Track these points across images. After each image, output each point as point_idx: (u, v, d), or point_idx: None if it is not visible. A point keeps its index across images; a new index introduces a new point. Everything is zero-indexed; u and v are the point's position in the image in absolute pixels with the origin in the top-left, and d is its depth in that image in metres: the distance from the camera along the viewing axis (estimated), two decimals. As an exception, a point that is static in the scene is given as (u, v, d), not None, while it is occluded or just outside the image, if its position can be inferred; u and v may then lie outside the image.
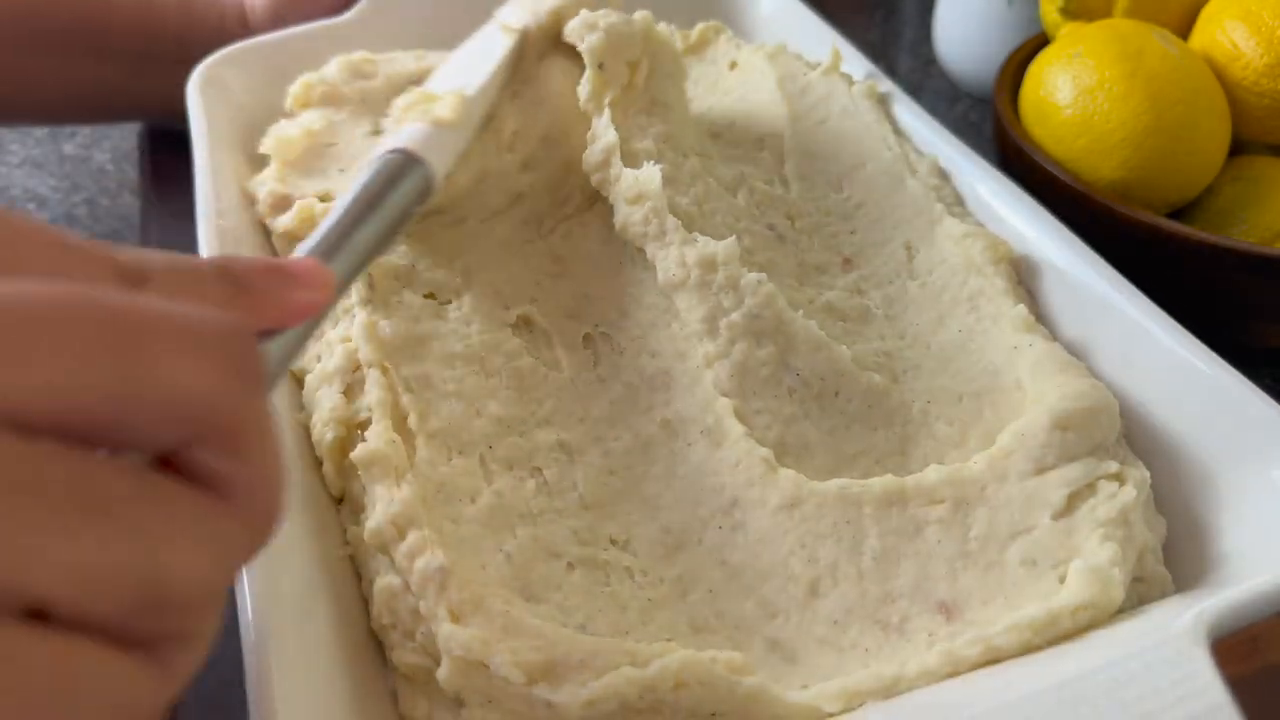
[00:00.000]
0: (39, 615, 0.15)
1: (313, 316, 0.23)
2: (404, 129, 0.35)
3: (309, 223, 0.42)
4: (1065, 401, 0.33)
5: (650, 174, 0.39)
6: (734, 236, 0.38)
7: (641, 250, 0.39)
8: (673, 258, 0.37)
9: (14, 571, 0.15)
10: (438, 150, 0.34)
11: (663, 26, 0.53)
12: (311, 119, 0.47)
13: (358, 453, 0.32)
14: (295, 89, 0.48)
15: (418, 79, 0.48)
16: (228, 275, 0.21)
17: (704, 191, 0.41)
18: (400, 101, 0.39)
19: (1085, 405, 0.33)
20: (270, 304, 0.22)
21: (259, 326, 0.22)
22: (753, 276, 0.36)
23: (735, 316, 0.36)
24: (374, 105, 0.48)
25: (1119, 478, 0.32)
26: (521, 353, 0.38)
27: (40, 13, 0.54)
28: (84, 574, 0.15)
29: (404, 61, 0.50)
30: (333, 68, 0.49)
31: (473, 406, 0.35)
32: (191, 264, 0.20)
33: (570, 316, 0.40)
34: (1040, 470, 0.32)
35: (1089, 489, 0.31)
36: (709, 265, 0.36)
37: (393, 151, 0.32)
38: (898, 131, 0.47)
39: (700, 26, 0.56)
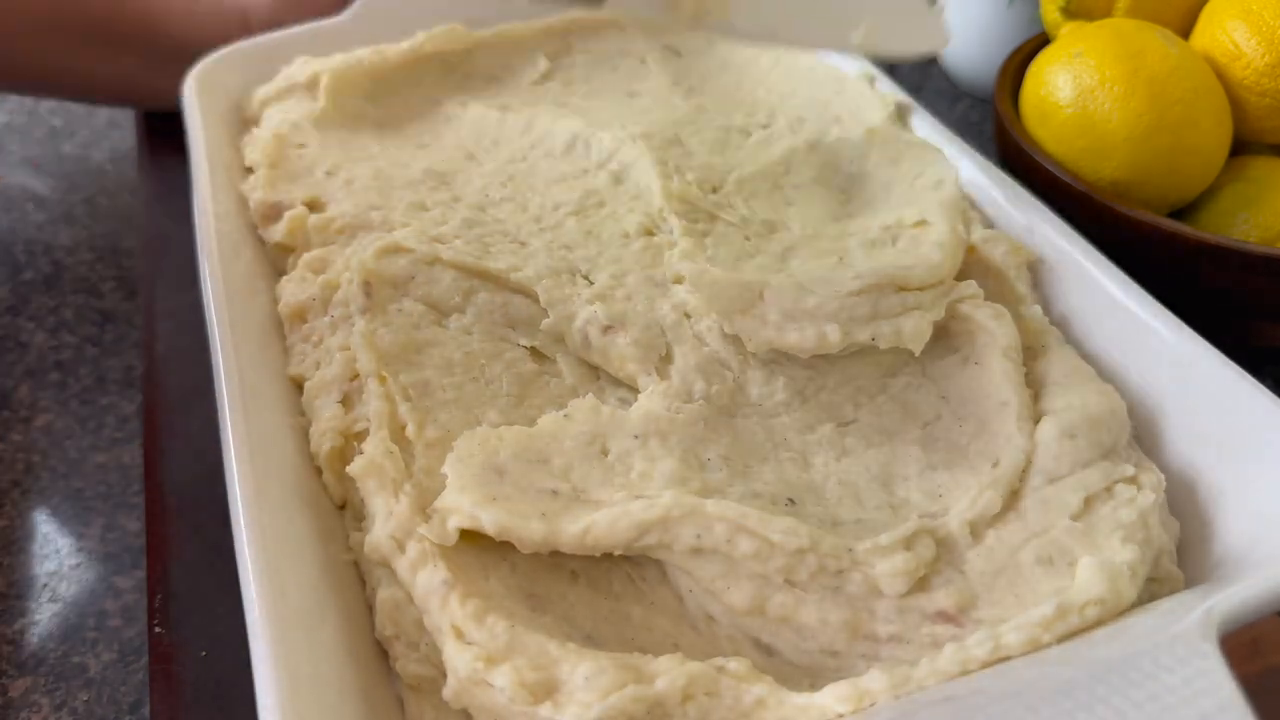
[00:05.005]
0: None
1: None
2: None
3: (301, 234, 0.42)
4: (1071, 411, 0.33)
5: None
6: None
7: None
8: None
9: None
10: None
11: None
12: (270, 117, 0.48)
13: (354, 466, 0.32)
14: (252, 106, 0.50)
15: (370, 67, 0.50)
16: None
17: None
18: None
19: (1091, 412, 0.33)
20: None
21: None
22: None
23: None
24: (313, 89, 0.50)
25: (1135, 481, 0.32)
26: (523, 359, 0.37)
27: (57, 7, 0.58)
28: None
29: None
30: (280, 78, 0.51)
31: (472, 414, 0.35)
32: None
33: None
34: (1053, 480, 0.32)
35: (1106, 492, 0.32)
36: None
37: None
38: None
39: None
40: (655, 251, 0.41)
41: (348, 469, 0.33)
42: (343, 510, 0.34)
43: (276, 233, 0.42)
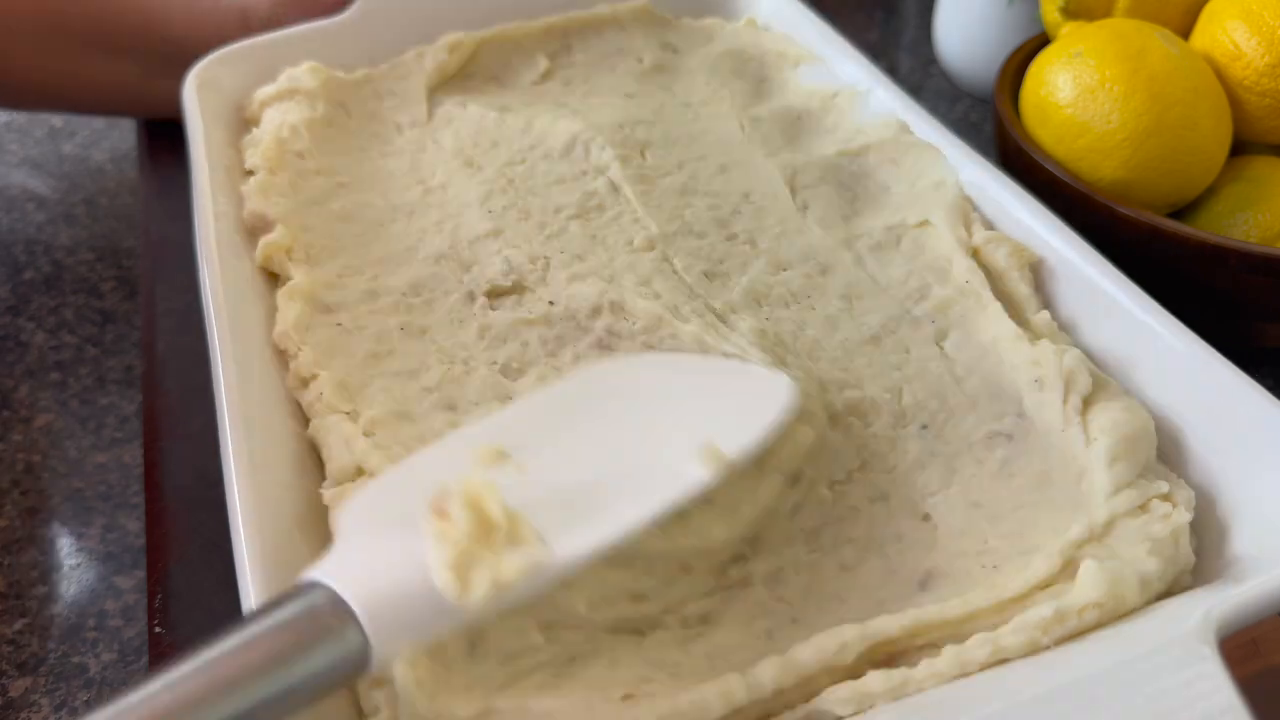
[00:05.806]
0: None
1: None
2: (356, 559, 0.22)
3: (276, 262, 0.41)
4: (1107, 434, 0.32)
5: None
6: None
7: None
8: None
9: None
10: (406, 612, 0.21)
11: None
12: (270, 118, 0.47)
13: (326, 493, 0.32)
14: (252, 106, 0.49)
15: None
16: None
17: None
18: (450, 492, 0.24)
19: (1126, 432, 0.32)
20: None
21: None
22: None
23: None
24: (316, 94, 0.49)
25: (1169, 498, 0.31)
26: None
27: (56, 12, 0.57)
28: None
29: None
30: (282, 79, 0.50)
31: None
32: None
33: None
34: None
35: (1140, 509, 0.31)
36: None
37: (314, 584, 0.21)
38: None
39: (707, 21, 0.57)
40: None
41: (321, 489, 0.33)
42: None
43: (258, 253, 0.41)
